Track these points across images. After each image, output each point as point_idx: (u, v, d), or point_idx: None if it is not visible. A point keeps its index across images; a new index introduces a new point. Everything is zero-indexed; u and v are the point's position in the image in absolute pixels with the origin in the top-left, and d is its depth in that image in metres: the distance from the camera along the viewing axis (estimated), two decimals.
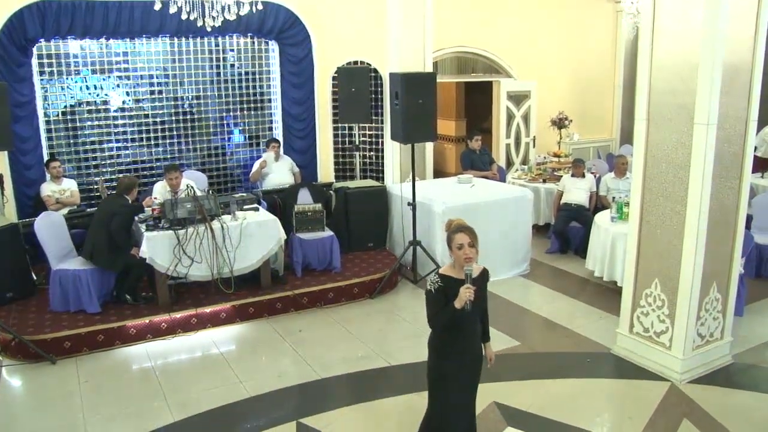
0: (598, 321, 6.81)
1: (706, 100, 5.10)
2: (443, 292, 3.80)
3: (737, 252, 5.69)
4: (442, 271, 3.91)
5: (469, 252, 3.78)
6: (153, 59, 8.98)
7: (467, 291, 3.66)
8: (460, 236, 3.81)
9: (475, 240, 3.82)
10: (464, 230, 3.83)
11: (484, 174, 9.40)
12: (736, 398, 5.39)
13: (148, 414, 5.21)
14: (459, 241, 3.80)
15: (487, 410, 5.15)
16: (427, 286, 3.88)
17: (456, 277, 3.81)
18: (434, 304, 3.86)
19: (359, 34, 9.49)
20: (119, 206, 6.73)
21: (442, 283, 3.82)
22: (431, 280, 3.87)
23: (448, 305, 3.75)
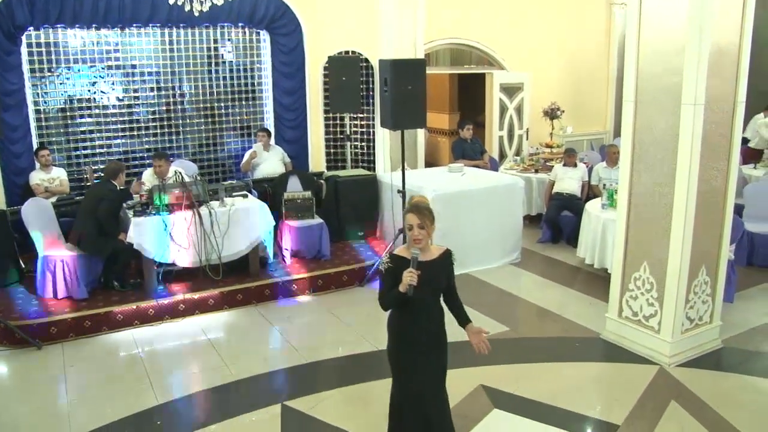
0: (588, 307, 6.78)
1: (693, 80, 5.07)
2: (393, 273, 3.69)
3: (726, 235, 5.66)
4: (396, 251, 3.81)
5: (417, 234, 3.67)
6: (144, 49, 8.91)
7: (409, 275, 3.56)
8: (409, 216, 3.69)
9: (425, 220, 3.68)
10: (415, 210, 3.70)
11: (476, 163, 9.38)
12: (725, 381, 5.37)
13: (133, 396, 5.17)
14: (408, 222, 3.69)
15: (474, 393, 5.13)
16: (380, 265, 3.79)
17: (408, 257, 3.68)
18: (384, 283, 3.78)
19: (350, 24, 9.45)
20: (107, 191, 6.70)
21: (392, 264, 3.72)
22: (383, 260, 3.77)
23: (396, 287, 3.66)
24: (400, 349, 3.89)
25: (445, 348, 3.99)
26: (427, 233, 3.73)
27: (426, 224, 3.70)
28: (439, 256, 3.83)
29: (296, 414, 4.90)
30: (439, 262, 3.82)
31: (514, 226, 8.14)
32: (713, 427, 4.62)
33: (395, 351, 3.92)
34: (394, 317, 3.89)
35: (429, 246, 3.81)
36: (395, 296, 3.68)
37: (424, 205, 3.77)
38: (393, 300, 3.73)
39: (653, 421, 4.71)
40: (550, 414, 4.84)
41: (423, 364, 3.87)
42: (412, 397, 3.91)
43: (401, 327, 3.87)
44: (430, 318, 3.88)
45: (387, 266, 3.74)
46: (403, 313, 3.82)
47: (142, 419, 4.89)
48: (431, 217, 3.75)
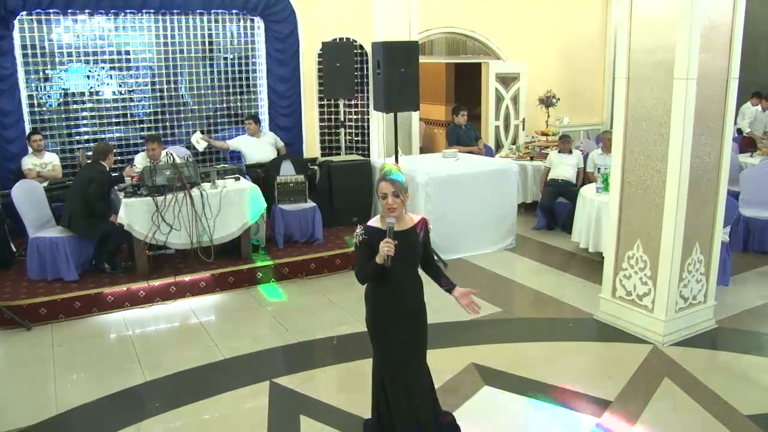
0: (582, 290, 6.75)
1: (686, 54, 5.03)
2: (367, 244, 3.62)
3: (720, 213, 5.61)
4: (370, 222, 3.74)
5: (392, 202, 3.59)
6: (138, 37, 8.87)
7: (386, 245, 3.49)
8: (383, 185, 3.61)
9: (399, 188, 3.61)
10: (388, 179, 3.61)
11: (470, 149, 9.33)
12: (719, 359, 5.35)
13: (120, 374, 5.13)
14: (382, 191, 3.61)
15: (465, 371, 5.08)
16: (353, 238, 3.70)
17: (383, 228, 3.61)
18: (359, 256, 3.71)
19: (345, 10, 9.42)
20: (96, 173, 6.65)
21: (366, 235, 3.65)
22: (356, 233, 3.69)
23: (372, 259, 3.60)
24: (379, 320, 3.83)
25: (424, 319, 3.93)
26: (402, 202, 3.66)
27: (400, 192, 3.63)
28: (415, 224, 3.78)
29: (285, 390, 4.85)
30: (414, 230, 3.76)
31: (508, 211, 8.09)
32: (706, 403, 4.56)
33: (374, 321, 3.85)
34: (372, 288, 3.83)
35: (404, 215, 3.76)
36: (372, 268, 3.62)
37: (396, 173, 3.68)
38: (370, 272, 3.67)
39: (646, 398, 4.66)
40: (541, 390, 4.79)
41: (402, 334, 3.80)
42: (392, 367, 3.84)
43: (379, 297, 3.80)
44: (408, 288, 3.81)
45: (361, 238, 3.66)
46: (381, 284, 3.75)
47: (129, 396, 4.84)
48: (405, 187, 3.68)
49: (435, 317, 5.80)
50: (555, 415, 4.50)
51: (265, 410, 4.58)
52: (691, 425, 4.31)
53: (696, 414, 4.45)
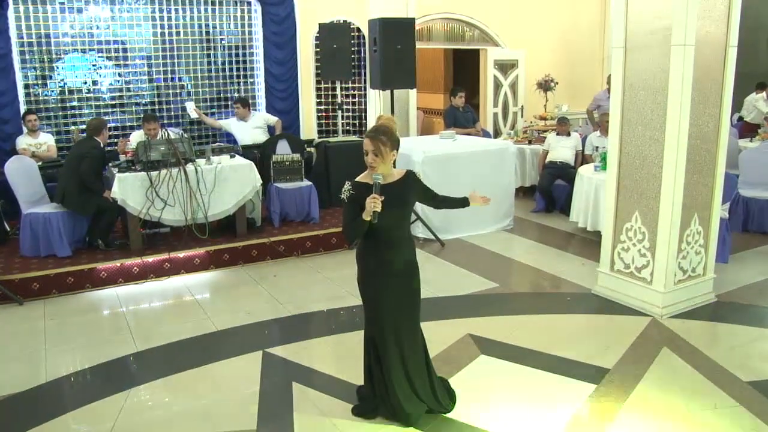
0: (580, 267, 6.69)
1: (683, 20, 4.97)
2: (356, 200, 3.55)
3: (718, 183, 5.55)
4: (358, 178, 3.67)
5: (371, 160, 3.55)
6: (134, 25, 8.83)
7: (372, 201, 3.43)
8: (365, 142, 3.57)
9: (379, 146, 3.54)
10: (370, 135, 3.57)
11: (468, 131, 9.28)
12: (717, 329, 5.29)
13: (111, 345, 5.07)
14: (365, 147, 3.58)
15: (461, 341, 5.02)
16: (341, 194, 3.64)
17: (371, 183, 3.53)
18: (347, 213, 3.64)
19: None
20: (89, 148, 6.59)
21: (354, 191, 3.58)
22: (344, 188, 3.62)
23: (360, 215, 3.54)
24: (370, 278, 3.78)
25: (417, 277, 3.86)
26: (384, 159, 3.59)
27: (381, 150, 3.56)
28: (400, 178, 3.72)
29: (278, 359, 4.79)
30: (401, 183, 3.70)
31: (506, 192, 8.03)
32: (706, 371, 4.49)
33: (365, 281, 3.81)
34: (363, 246, 3.78)
35: (392, 170, 3.70)
36: (360, 224, 3.56)
37: (382, 129, 3.62)
38: (358, 229, 3.61)
39: (645, 365, 4.59)
40: (537, 359, 4.72)
41: (394, 292, 3.75)
42: (384, 328, 3.78)
43: (370, 255, 3.75)
44: (399, 246, 3.76)
45: (349, 194, 3.60)
46: (372, 242, 3.71)
47: (120, 364, 4.78)
48: (391, 142, 3.61)
49: (430, 291, 5.83)
50: (552, 382, 4.43)
51: (257, 378, 4.51)
52: (691, 391, 4.24)
53: (696, 381, 4.38)
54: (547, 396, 4.23)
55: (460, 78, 13.01)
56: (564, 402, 4.13)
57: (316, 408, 4.12)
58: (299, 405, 4.15)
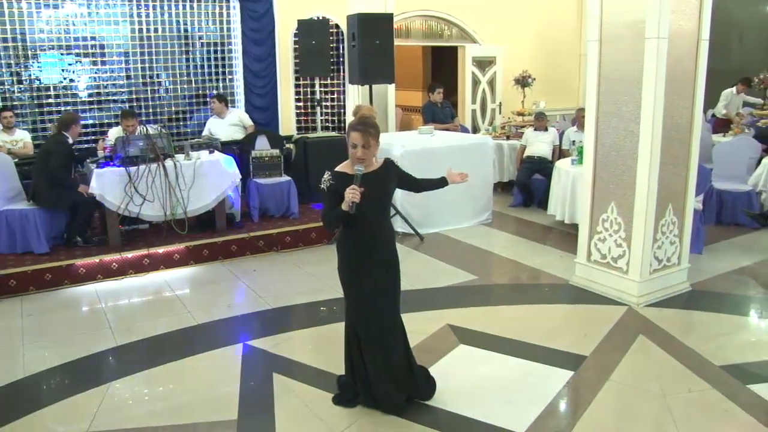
0: (558, 259, 6.76)
1: (656, 13, 5.06)
2: (335, 190, 3.60)
3: (692, 174, 5.65)
4: (338, 168, 3.71)
5: (361, 154, 3.59)
6: (111, 22, 8.78)
7: (351, 192, 3.48)
8: (354, 135, 3.60)
9: (369, 140, 3.59)
10: (360, 129, 3.60)
11: (446, 127, 9.33)
12: (693, 317, 5.38)
13: (90, 340, 5.05)
14: (353, 140, 3.60)
15: (440, 332, 5.07)
16: (321, 184, 3.68)
17: (351, 173, 3.60)
18: (326, 203, 3.69)
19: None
20: (55, 144, 6.56)
21: (334, 181, 3.63)
22: (324, 178, 3.66)
23: (339, 205, 3.58)
24: (351, 266, 3.82)
25: (397, 266, 3.91)
26: (372, 152, 3.65)
27: (370, 143, 3.62)
28: (381, 167, 3.76)
29: (258, 351, 4.81)
30: (381, 172, 3.74)
31: (484, 186, 8.10)
32: (680, 356, 4.58)
33: (346, 269, 3.84)
34: (344, 234, 3.82)
35: (373, 161, 3.75)
36: (338, 214, 3.60)
37: (370, 122, 3.67)
38: (336, 218, 3.66)
39: (621, 352, 4.67)
40: (516, 348, 4.78)
41: (374, 280, 3.80)
42: (365, 317, 3.83)
43: (351, 244, 3.80)
44: (379, 234, 3.81)
45: (329, 184, 3.64)
46: (352, 230, 3.75)
47: (99, 359, 4.77)
48: (377, 134, 3.68)
49: (410, 284, 5.87)
50: (530, 369, 4.48)
51: (238, 370, 4.53)
52: (665, 376, 4.32)
53: (670, 366, 4.47)
54: (525, 383, 4.29)
55: (438, 75, 13.08)
56: (542, 388, 4.18)
57: (297, 398, 4.14)
58: (280, 396, 4.18)
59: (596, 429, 3.77)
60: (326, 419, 3.88)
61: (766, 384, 4.18)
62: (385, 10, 9.06)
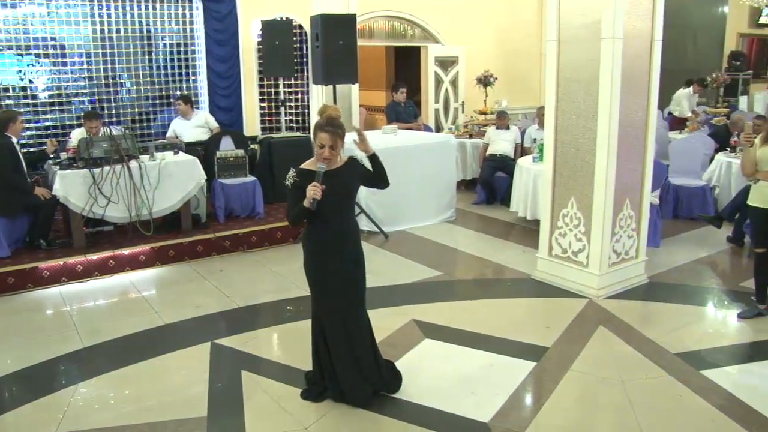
0: (521, 254, 6.90)
1: (611, 15, 5.22)
2: (299, 187, 3.67)
3: (648, 169, 5.83)
4: (303, 165, 3.79)
5: (328, 154, 3.67)
6: (72, 22, 8.69)
7: (313, 189, 3.57)
8: (323, 136, 3.67)
9: (338, 140, 3.69)
10: (329, 130, 3.68)
11: (409, 126, 9.43)
12: (650, 308, 5.55)
13: (56, 342, 5.02)
14: (321, 141, 3.68)
15: (406, 327, 5.16)
16: (286, 180, 3.76)
17: (315, 170, 3.68)
18: (291, 199, 3.77)
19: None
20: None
21: (298, 178, 3.71)
22: (289, 175, 3.74)
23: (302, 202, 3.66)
24: (315, 263, 3.89)
25: (362, 263, 3.99)
26: (338, 152, 3.74)
27: (338, 144, 3.71)
28: (344, 164, 3.84)
29: (226, 349, 4.85)
30: (344, 170, 3.82)
31: (448, 184, 8.22)
32: (638, 345, 4.75)
33: (310, 265, 3.91)
34: (309, 230, 3.89)
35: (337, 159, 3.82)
36: (301, 211, 3.69)
37: (338, 122, 3.75)
38: (299, 214, 3.74)
39: (582, 343, 4.82)
40: (480, 341, 4.90)
41: (339, 275, 3.88)
42: (331, 313, 3.91)
43: (316, 239, 3.88)
44: (343, 230, 3.89)
45: (293, 181, 3.73)
46: (316, 227, 3.83)
47: (66, 360, 4.75)
48: (344, 135, 3.78)
49: (375, 281, 5.95)
50: (494, 361, 4.60)
51: (206, 368, 4.56)
52: (624, 364, 4.47)
53: (629, 355, 4.63)
54: (489, 375, 4.40)
55: (401, 75, 13.18)
56: (506, 379, 4.30)
57: (266, 394, 4.19)
58: (249, 392, 4.22)
59: (558, 417, 3.90)
60: (295, 414, 3.94)
61: (717, 369, 4.38)
62: (348, 11, 9.12)
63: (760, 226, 5.02)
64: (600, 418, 3.96)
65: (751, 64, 16.90)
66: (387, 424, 3.85)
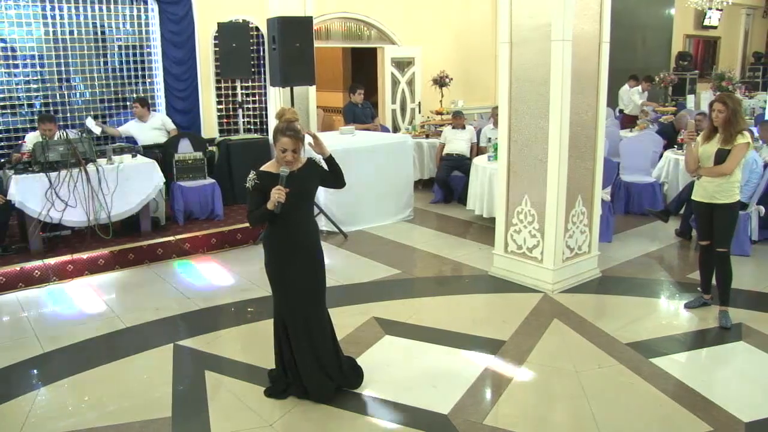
0: (477, 252, 7.06)
1: (560, 17, 5.40)
2: (260, 189, 3.77)
3: (598, 167, 6.02)
4: (263, 168, 3.87)
5: (290, 159, 3.76)
6: (23, 23, 8.57)
7: (277, 192, 3.66)
8: (285, 141, 3.74)
9: (299, 144, 3.78)
10: (291, 134, 3.75)
11: (367, 127, 9.53)
12: (603, 301, 5.74)
13: (14, 349, 4.96)
14: (283, 146, 3.75)
15: (366, 324, 5.25)
16: (246, 182, 3.84)
17: (276, 172, 3.76)
18: (252, 201, 3.86)
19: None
20: None
21: (258, 180, 3.79)
22: (249, 177, 3.82)
23: (264, 203, 3.75)
24: (277, 262, 3.97)
25: (321, 261, 4.08)
26: (299, 155, 3.83)
27: (299, 147, 3.79)
28: (304, 165, 3.93)
29: (189, 351, 4.88)
30: (304, 171, 3.91)
31: (405, 183, 8.35)
32: (591, 336, 4.93)
33: (272, 264, 3.99)
34: (269, 230, 3.97)
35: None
36: (263, 213, 3.78)
37: (297, 126, 3.82)
38: (261, 217, 3.83)
39: (537, 335, 4.98)
40: (440, 336, 5.02)
41: (300, 273, 3.96)
42: (292, 311, 3.99)
43: (276, 239, 3.95)
44: (303, 230, 3.98)
45: (254, 183, 3.81)
46: (277, 227, 3.91)
47: (26, 367, 4.71)
48: (303, 138, 3.87)
49: (335, 280, 6.04)
50: (453, 355, 4.73)
51: (169, 369, 4.58)
52: (578, 355, 4.64)
53: (583, 346, 4.80)
54: (448, 368, 4.53)
55: (358, 76, 13.26)
56: (464, 372, 4.43)
57: (230, 393, 4.25)
58: (213, 391, 4.27)
59: (516, 407, 4.04)
60: (259, 411, 4.01)
61: (665, 357, 4.58)
62: (305, 13, 9.20)
63: (703, 220, 5.24)
64: (555, 407, 4.11)
65: (697, 64, 17.45)
66: (350, 418, 3.94)
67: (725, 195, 5.04)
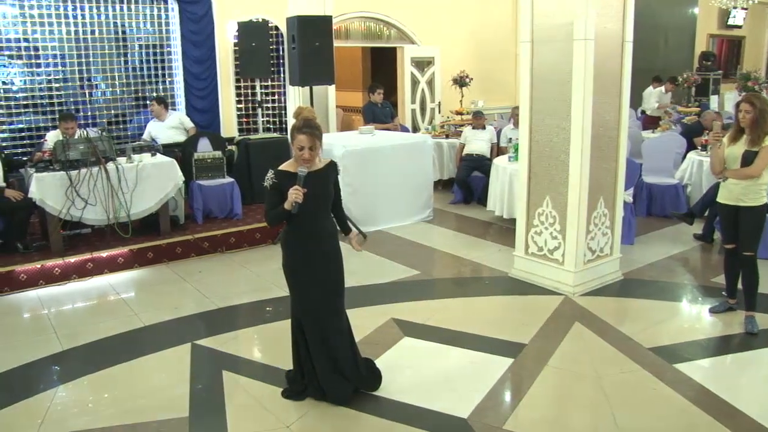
0: (497, 253, 6.99)
1: (583, 16, 5.33)
2: (278, 189, 3.74)
3: (621, 168, 5.94)
4: (282, 167, 3.84)
5: (308, 156, 3.72)
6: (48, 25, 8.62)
7: (295, 192, 3.63)
8: (302, 138, 3.71)
9: (316, 141, 3.74)
10: (307, 131, 3.71)
11: (386, 126, 9.50)
12: (625, 304, 5.66)
13: (34, 346, 4.99)
14: (300, 144, 3.72)
15: (385, 326, 5.21)
16: (264, 182, 3.81)
17: (294, 172, 3.73)
18: (269, 200, 3.83)
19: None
20: None
21: (276, 179, 3.76)
22: (267, 176, 3.79)
23: (281, 202, 3.72)
24: (295, 263, 3.94)
25: (340, 262, 4.05)
26: (317, 153, 3.79)
27: (317, 145, 3.76)
28: (324, 167, 3.89)
29: (207, 350, 4.87)
30: (324, 172, 3.88)
31: (425, 183, 8.30)
32: (612, 340, 4.85)
33: (290, 266, 3.97)
34: (288, 232, 3.93)
35: (317, 161, 3.87)
36: (280, 213, 3.75)
37: (315, 123, 3.80)
38: (278, 216, 3.80)
39: (558, 339, 4.91)
40: (459, 338, 4.96)
41: (318, 276, 3.93)
42: (310, 312, 3.96)
43: (295, 241, 3.92)
44: (322, 231, 3.94)
45: (272, 182, 3.78)
46: (295, 227, 3.87)
47: (45, 364, 4.73)
48: (321, 136, 3.83)
49: (354, 280, 6.00)
50: (472, 358, 4.67)
51: (187, 369, 4.57)
52: (599, 359, 4.57)
53: (604, 350, 4.72)
54: (467, 371, 4.47)
55: (378, 76, 13.24)
56: (484, 376, 4.37)
57: (247, 394, 4.23)
58: (230, 391, 4.25)
59: (536, 412, 3.98)
60: (276, 413, 3.98)
61: (689, 363, 4.48)
62: (324, 12, 9.17)
63: (729, 223, 5.14)
64: (576, 412, 4.05)
65: (721, 64, 17.22)
66: (367, 421, 3.90)
67: (752, 197, 4.93)
